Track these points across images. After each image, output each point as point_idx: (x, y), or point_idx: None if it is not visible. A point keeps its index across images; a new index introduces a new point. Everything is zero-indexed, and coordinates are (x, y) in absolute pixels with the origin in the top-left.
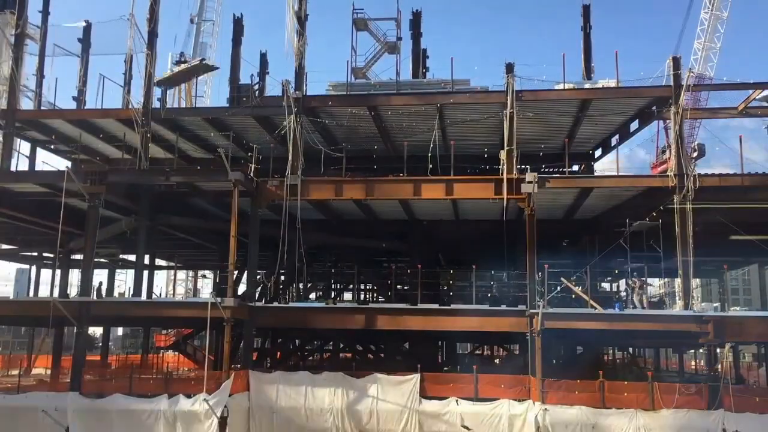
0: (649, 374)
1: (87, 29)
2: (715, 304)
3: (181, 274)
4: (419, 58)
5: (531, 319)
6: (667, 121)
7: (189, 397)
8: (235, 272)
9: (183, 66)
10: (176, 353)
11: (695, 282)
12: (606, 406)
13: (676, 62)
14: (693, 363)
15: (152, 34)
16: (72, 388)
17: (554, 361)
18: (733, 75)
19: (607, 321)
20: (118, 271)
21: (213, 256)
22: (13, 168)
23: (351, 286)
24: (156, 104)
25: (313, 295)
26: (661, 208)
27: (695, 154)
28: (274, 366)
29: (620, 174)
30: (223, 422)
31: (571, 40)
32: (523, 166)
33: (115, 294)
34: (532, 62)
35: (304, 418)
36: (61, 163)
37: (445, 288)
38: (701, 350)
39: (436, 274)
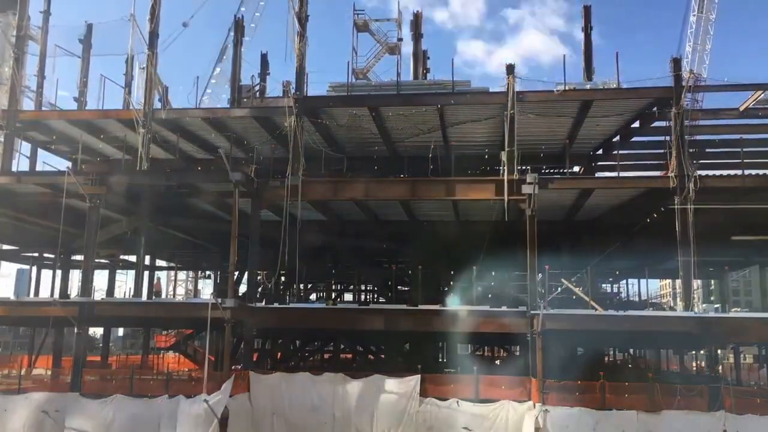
0: (649, 375)
1: (88, 30)
2: (716, 306)
3: (182, 275)
4: (420, 59)
5: (532, 319)
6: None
7: (189, 397)
8: (236, 273)
9: None
10: (177, 354)
11: (696, 283)
12: (607, 408)
13: (677, 63)
14: (694, 364)
15: (153, 35)
16: (72, 388)
17: (555, 362)
18: (727, 77)
19: (607, 322)
20: (118, 271)
21: (213, 256)
22: (14, 168)
23: (351, 286)
24: (156, 105)
25: (313, 296)
26: (662, 209)
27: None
28: (275, 367)
29: (621, 175)
30: (223, 423)
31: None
32: (523, 167)
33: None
34: (533, 63)
35: (304, 419)
36: (62, 164)
37: (446, 288)
38: (702, 351)
39: (436, 274)
